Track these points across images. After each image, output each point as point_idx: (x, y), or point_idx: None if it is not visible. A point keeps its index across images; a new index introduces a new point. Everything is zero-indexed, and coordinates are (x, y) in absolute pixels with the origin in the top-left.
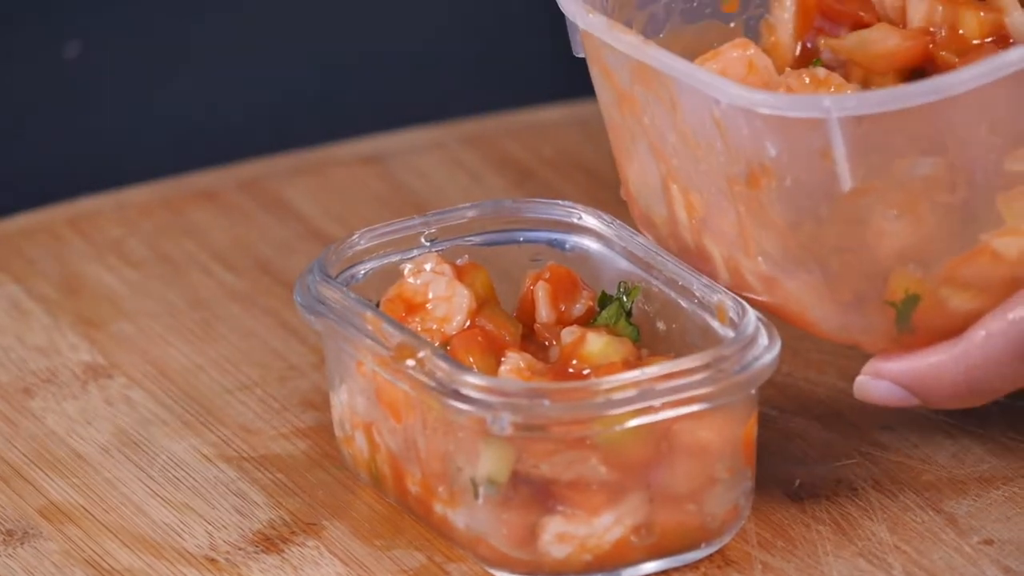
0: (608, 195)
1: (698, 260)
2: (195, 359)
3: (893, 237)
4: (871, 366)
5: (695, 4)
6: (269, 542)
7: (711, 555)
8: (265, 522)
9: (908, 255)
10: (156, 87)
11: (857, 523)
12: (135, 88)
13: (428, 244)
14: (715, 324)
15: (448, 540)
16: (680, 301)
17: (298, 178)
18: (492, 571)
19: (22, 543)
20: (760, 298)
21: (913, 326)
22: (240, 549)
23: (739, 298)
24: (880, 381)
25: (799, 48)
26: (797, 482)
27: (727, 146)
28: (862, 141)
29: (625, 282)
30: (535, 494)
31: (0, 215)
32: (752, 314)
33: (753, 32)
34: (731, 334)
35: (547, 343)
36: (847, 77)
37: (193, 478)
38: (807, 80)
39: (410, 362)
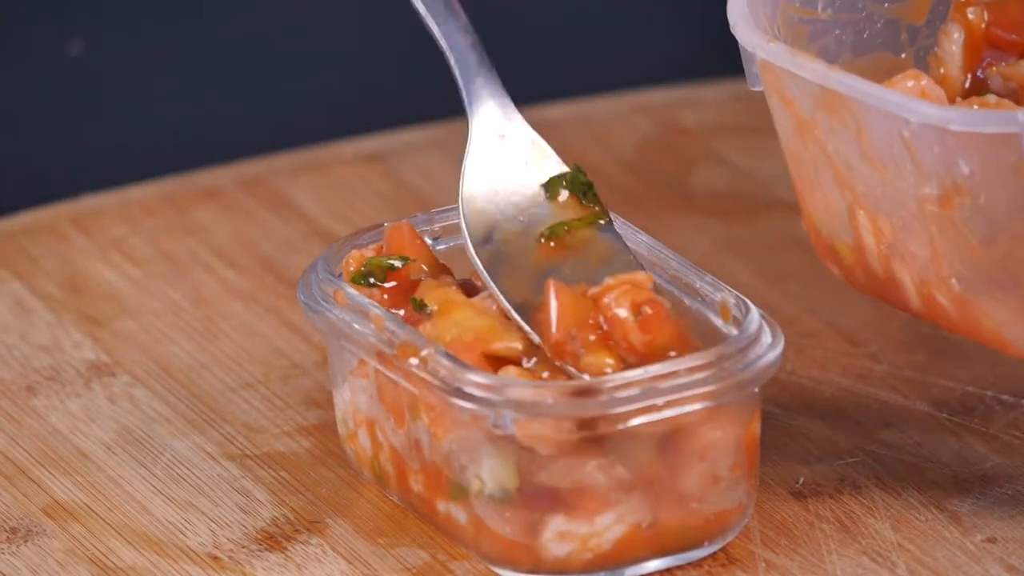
0: (611, 193)
1: (887, 288)
2: (198, 357)
3: None
4: None
5: (866, 35)
6: (273, 540)
7: (714, 553)
8: (268, 520)
9: None
10: (159, 85)
11: (861, 521)
12: (138, 86)
13: (431, 242)
14: (718, 322)
15: (451, 538)
16: (684, 299)
17: (301, 176)
18: (495, 569)
19: (26, 541)
20: (953, 321)
21: None
22: (244, 547)
23: (742, 296)
24: None
25: (968, 80)
26: (801, 480)
27: (918, 167)
28: None
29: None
30: (537, 492)
31: (3, 213)
32: (755, 312)
33: (922, 64)
34: (734, 332)
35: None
36: (1018, 104)
37: (196, 476)
38: (976, 108)
39: (413, 361)
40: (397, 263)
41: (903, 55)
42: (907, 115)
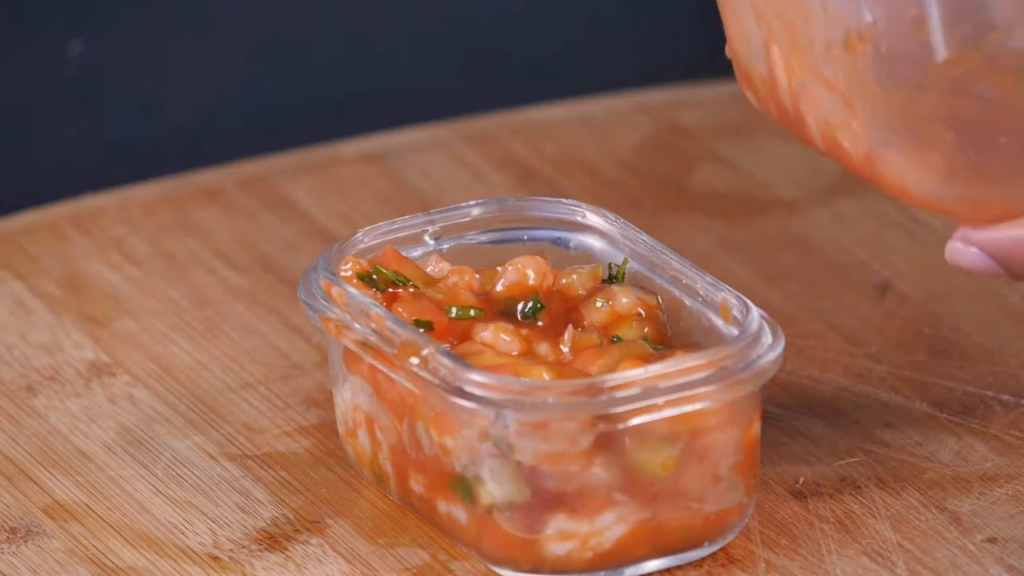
0: (611, 193)
1: (796, 124)
2: (198, 357)
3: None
4: (961, 233)
5: None
6: (273, 540)
7: (715, 553)
8: (268, 520)
9: (999, 129)
10: (159, 85)
11: (861, 521)
12: (138, 86)
13: (432, 242)
14: (719, 322)
15: (451, 538)
16: (684, 299)
17: (301, 176)
18: (495, 568)
19: (26, 541)
20: (856, 166)
21: None
22: (244, 547)
23: (743, 296)
24: (969, 248)
25: None
26: (801, 480)
27: (826, 10)
28: (956, 9)
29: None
30: (538, 491)
31: (3, 213)
32: (756, 312)
33: None
34: (735, 332)
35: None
36: None
37: (196, 476)
38: None
39: (414, 360)
40: (402, 279)
41: None
42: None
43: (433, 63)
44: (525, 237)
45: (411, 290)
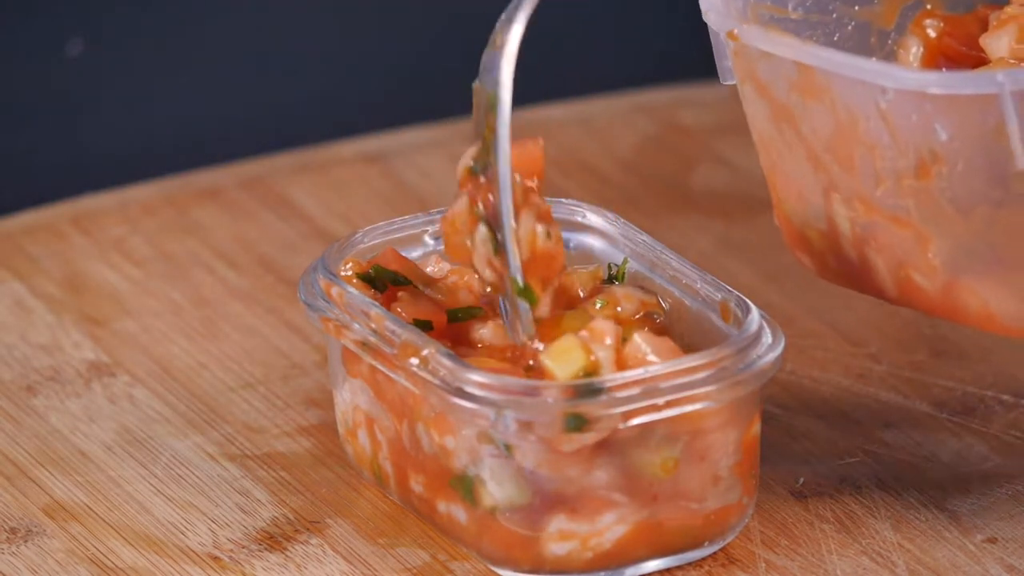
0: (611, 193)
1: (860, 274)
2: (198, 357)
3: None
4: None
5: (836, 39)
6: (273, 540)
7: (715, 553)
8: (268, 520)
9: None
10: (159, 85)
11: (861, 521)
12: (138, 86)
13: (432, 242)
14: (719, 322)
15: (451, 538)
16: (684, 299)
17: (301, 176)
18: (495, 568)
19: (26, 541)
20: (934, 303)
21: None
22: (243, 547)
23: (743, 296)
24: None
25: None
26: (801, 480)
27: (895, 139)
28: None
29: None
30: (538, 492)
31: (3, 213)
32: (756, 312)
33: None
34: (735, 332)
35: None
36: None
37: (196, 476)
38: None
39: (414, 360)
40: (401, 278)
41: (872, 60)
42: (884, 82)
43: (433, 63)
44: None
45: (411, 290)
